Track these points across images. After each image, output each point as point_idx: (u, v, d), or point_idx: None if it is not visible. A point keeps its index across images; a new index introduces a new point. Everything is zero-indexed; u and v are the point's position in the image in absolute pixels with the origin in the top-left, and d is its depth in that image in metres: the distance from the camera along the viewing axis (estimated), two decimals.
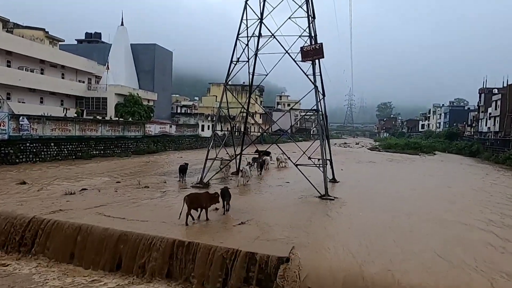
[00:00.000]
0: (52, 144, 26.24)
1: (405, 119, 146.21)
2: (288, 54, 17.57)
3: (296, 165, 17.00)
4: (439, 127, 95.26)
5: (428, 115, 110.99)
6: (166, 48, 58.94)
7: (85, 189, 15.27)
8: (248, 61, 19.56)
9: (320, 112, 17.71)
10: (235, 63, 18.92)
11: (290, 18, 18.15)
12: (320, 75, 19.05)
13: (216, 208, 12.14)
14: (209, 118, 56.57)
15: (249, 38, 19.00)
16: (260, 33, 19.63)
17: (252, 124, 62.59)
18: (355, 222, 11.79)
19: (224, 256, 8.50)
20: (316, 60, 17.56)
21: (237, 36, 18.85)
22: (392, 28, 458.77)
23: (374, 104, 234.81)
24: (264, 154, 25.06)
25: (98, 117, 35.56)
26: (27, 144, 24.36)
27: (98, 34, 61.77)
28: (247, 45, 18.97)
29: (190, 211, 10.80)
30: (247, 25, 18.95)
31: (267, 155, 25.44)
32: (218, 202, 11.73)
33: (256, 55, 20.13)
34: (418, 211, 13.70)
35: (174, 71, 65.16)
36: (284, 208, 13.46)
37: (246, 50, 19.08)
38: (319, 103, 17.49)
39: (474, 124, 71.38)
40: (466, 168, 34.43)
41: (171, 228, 10.07)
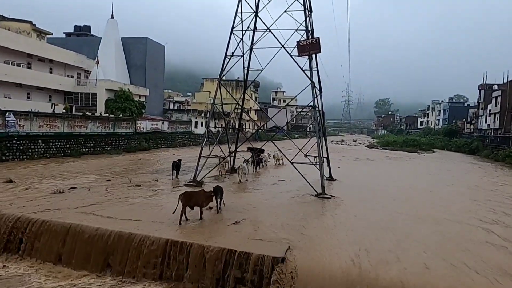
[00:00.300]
0: (39, 141, 26.03)
1: (403, 115, 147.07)
2: (284, 48, 17.58)
3: (292, 163, 17.04)
4: (438, 124, 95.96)
5: (427, 111, 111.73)
6: (158, 42, 58.60)
7: (74, 187, 15.19)
8: (243, 55, 19.55)
9: (316, 109, 17.75)
10: (229, 57, 18.89)
11: (286, 11, 18.15)
12: (317, 70, 19.12)
13: (209, 207, 12.16)
14: (202, 115, 56.46)
15: (244, 32, 18.97)
16: (255, 27, 19.64)
17: (247, 121, 62.63)
18: (352, 221, 11.86)
19: (218, 257, 8.52)
20: (313, 55, 17.57)
21: (231, 30, 18.81)
22: (390, 23, 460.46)
23: (372, 101, 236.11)
24: (257, 152, 24.96)
25: (87, 113, 35.32)
26: (14, 141, 24.14)
27: (87, 27, 61.32)
28: (241, 39, 18.94)
29: (185, 209, 10.79)
30: (241, 18, 18.92)
31: (261, 152, 25.29)
32: (212, 201, 11.75)
33: (251, 49, 20.15)
34: (416, 211, 13.81)
35: (167, 65, 64.92)
36: (279, 207, 13.49)
37: (241, 44, 19.07)
38: (315, 99, 17.51)
39: (473, 121, 71.97)
40: (466, 166, 34.72)
41: (164, 227, 10.06)
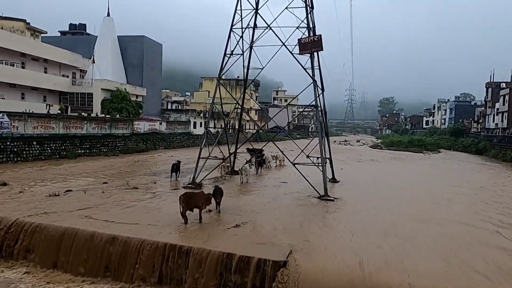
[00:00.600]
0: (34, 143, 26.06)
1: (408, 115, 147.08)
2: (285, 46, 17.59)
3: (294, 164, 17.05)
4: (444, 124, 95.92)
5: (433, 110, 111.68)
6: (155, 40, 58.73)
7: (70, 190, 15.21)
8: (242, 54, 19.54)
9: (319, 108, 17.76)
10: (229, 56, 18.90)
11: (287, 8, 18.15)
12: (319, 68, 19.11)
13: (209, 210, 12.19)
14: (201, 115, 56.52)
15: (243, 30, 18.99)
16: (255, 24, 19.64)
17: (247, 121, 62.62)
18: (356, 225, 11.85)
19: (218, 261, 8.53)
20: (315, 53, 17.59)
21: (230, 28, 18.83)
22: (394, 20, 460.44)
23: (376, 100, 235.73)
24: (257, 153, 24.97)
25: (83, 114, 35.41)
26: (8, 143, 24.18)
27: (82, 26, 61.46)
28: (241, 37, 18.96)
29: (186, 211, 10.89)
30: (241, 15, 18.94)
31: (259, 153, 25.28)
32: (210, 203, 11.79)
33: (251, 47, 20.16)
34: (422, 213, 13.81)
35: (164, 64, 65.02)
36: (281, 209, 13.50)
37: (241, 43, 19.07)
38: (317, 99, 17.52)
39: (481, 120, 71.94)
40: (473, 167, 34.70)
41: (162, 231, 10.07)
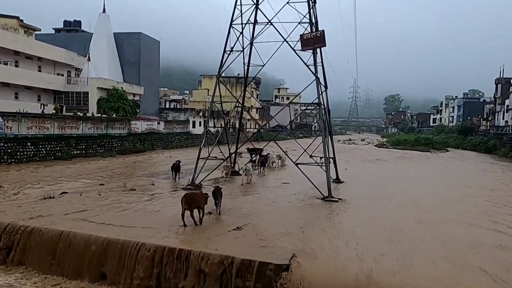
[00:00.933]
0: (28, 144, 26.13)
1: (415, 112, 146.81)
2: (287, 42, 17.60)
3: (296, 164, 17.05)
4: (452, 121, 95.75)
5: (440, 108, 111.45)
6: (152, 37, 58.74)
7: (65, 192, 15.25)
8: (243, 50, 19.55)
9: (322, 106, 17.76)
10: (228, 53, 18.90)
11: (288, 3, 18.17)
12: (322, 65, 19.14)
13: (209, 212, 12.21)
14: (200, 114, 56.56)
15: (243, 26, 19.00)
16: (255, 19, 19.64)
17: (248, 120, 62.67)
18: (361, 227, 11.80)
19: (218, 265, 8.54)
20: (318, 49, 17.57)
21: (230, 23, 18.84)
22: (400, 15, 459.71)
23: (381, 97, 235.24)
24: (258, 152, 24.98)
25: (79, 113, 35.48)
26: (1, 144, 24.23)
27: (77, 23, 61.52)
28: (241, 33, 18.97)
29: (192, 212, 11.01)
30: (241, 11, 18.94)
31: (258, 153, 25.28)
32: (206, 203, 11.84)
33: (251, 44, 20.16)
34: (429, 214, 13.79)
35: (162, 62, 65.01)
36: (283, 211, 13.51)
37: (241, 39, 19.09)
38: (321, 96, 17.52)
39: (490, 118, 71.73)
40: (482, 166, 34.65)
41: (161, 234, 10.09)
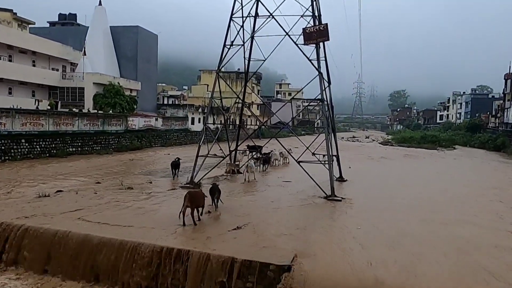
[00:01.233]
0: (22, 141, 26.16)
1: (421, 109, 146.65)
2: (289, 36, 17.56)
3: (298, 162, 17.05)
4: (460, 118, 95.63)
5: (447, 104, 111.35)
6: (150, 31, 58.64)
7: (61, 191, 15.28)
8: (243, 44, 19.53)
9: (325, 102, 17.74)
10: (228, 47, 18.88)
11: None
12: (325, 60, 19.06)
13: (208, 211, 12.25)
14: (200, 110, 56.51)
15: (244, 19, 18.95)
16: (256, 12, 19.58)
17: (248, 116, 62.65)
18: (365, 227, 11.77)
19: (218, 265, 8.56)
20: (321, 43, 17.55)
21: (230, 17, 18.80)
22: (405, 8, 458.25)
23: (386, 93, 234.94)
24: (257, 150, 25.10)
25: (74, 109, 35.42)
26: None
27: (73, 16, 61.39)
28: (242, 26, 18.93)
29: (193, 209, 11.06)
30: (241, 3, 18.88)
31: (258, 150, 25.39)
32: (205, 203, 11.91)
33: (252, 38, 20.12)
34: (435, 214, 13.76)
35: (160, 56, 64.98)
36: (284, 210, 13.52)
37: (241, 33, 19.05)
38: (324, 92, 17.50)
39: (499, 114, 71.53)
40: (491, 165, 34.62)
41: (159, 234, 10.11)
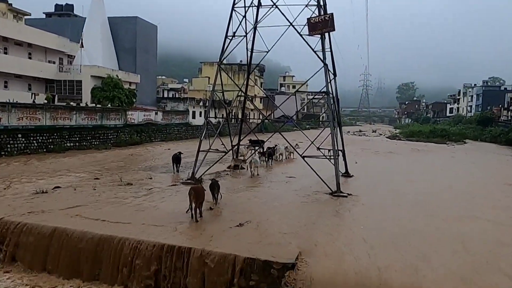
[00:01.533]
0: (19, 136, 26.29)
1: (430, 102, 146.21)
2: (293, 26, 17.49)
3: (303, 157, 17.06)
4: (471, 111, 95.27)
5: (458, 97, 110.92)
6: (149, 22, 58.59)
7: (58, 187, 15.35)
8: (245, 35, 19.49)
9: (330, 95, 17.70)
10: (230, 38, 18.83)
11: None
12: (331, 51, 19.01)
13: (210, 208, 12.29)
14: (201, 104, 56.52)
15: (247, 9, 18.89)
16: (259, 2, 19.50)
17: (251, 110, 62.64)
18: (372, 225, 11.72)
19: (220, 263, 8.60)
20: (326, 34, 17.47)
21: (232, 6, 18.75)
22: None
23: (394, 85, 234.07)
24: (259, 144, 25.05)
25: (72, 103, 35.55)
26: None
27: (70, 6, 61.45)
28: (244, 16, 18.88)
29: (198, 206, 11.16)
30: None
31: (261, 144, 25.36)
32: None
33: (255, 28, 20.04)
34: (444, 210, 13.72)
35: (160, 48, 64.96)
36: (288, 207, 13.53)
37: (244, 23, 18.99)
38: (329, 84, 17.46)
39: (511, 107, 71.29)
40: (503, 159, 34.52)
41: (159, 231, 10.14)
